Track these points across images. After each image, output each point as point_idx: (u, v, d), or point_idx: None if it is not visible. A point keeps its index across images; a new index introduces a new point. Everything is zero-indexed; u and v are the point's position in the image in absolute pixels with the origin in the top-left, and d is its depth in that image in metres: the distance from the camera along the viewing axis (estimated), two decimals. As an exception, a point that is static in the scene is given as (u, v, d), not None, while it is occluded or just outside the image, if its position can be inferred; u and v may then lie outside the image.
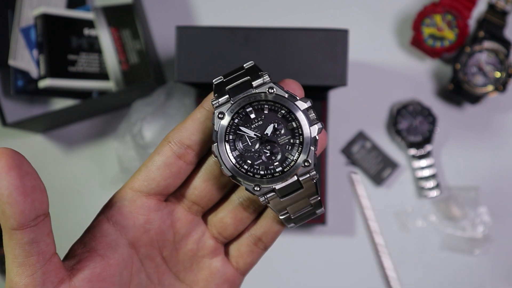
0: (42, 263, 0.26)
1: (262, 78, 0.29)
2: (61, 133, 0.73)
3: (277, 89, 0.29)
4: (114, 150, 0.70)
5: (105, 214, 0.30)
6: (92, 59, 0.69)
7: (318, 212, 0.31)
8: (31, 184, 0.24)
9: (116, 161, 0.70)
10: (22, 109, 0.71)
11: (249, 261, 0.33)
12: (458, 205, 0.69)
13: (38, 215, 0.25)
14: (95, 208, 0.32)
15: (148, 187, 0.30)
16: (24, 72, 0.69)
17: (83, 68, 0.69)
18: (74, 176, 0.73)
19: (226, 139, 0.29)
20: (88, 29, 0.70)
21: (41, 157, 0.73)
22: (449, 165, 0.72)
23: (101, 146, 0.73)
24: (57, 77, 0.66)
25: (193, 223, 0.32)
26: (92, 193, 0.72)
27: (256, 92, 0.29)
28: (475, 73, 0.68)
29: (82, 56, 0.69)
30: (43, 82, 0.66)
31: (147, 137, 0.69)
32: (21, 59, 0.68)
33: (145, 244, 0.31)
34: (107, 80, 0.70)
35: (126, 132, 0.68)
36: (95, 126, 0.73)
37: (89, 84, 0.69)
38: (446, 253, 0.70)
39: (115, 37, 0.70)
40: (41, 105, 0.72)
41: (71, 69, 0.68)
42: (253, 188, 0.29)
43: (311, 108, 0.29)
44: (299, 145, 0.29)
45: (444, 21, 0.69)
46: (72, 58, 0.68)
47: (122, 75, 0.70)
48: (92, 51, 0.70)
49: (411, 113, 0.70)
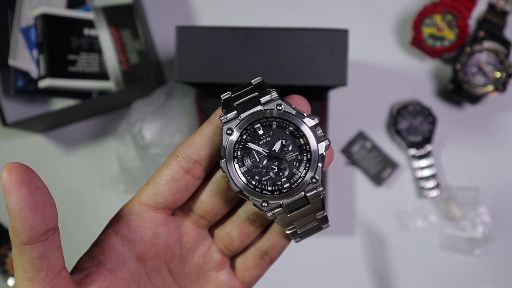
0: (52, 278, 0.26)
1: (270, 95, 0.29)
2: (61, 133, 0.73)
3: (285, 106, 0.29)
4: (114, 150, 0.71)
5: (112, 228, 0.30)
6: (92, 59, 0.70)
7: (324, 227, 0.32)
8: (41, 199, 0.24)
9: (116, 161, 0.70)
10: (22, 109, 0.71)
11: (255, 275, 0.33)
12: (458, 205, 0.70)
13: (48, 229, 0.25)
14: (95, 208, 0.32)
15: (156, 201, 0.30)
16: (24, 72, 0.69)
17: (83, 68, 0.69)
18: (74, 176, 0.73)
19: (235, 155, 0.29)
20: (88, 29, 0.70)
21: (41, 157, 0.73)
22: (449, 165, 0.72)
23: (101, 146, 0.73)
24: (57, 77, 0.67)
25: (200, 236, 0.32)
26: (92, 193, 0.72)
27: (264, 109, 0.29)
28: (475, 73, 0.68)
29: (82, 56, 0.69)
30: (43, 82, 0.66)
31: (147, 137, 0.69)
32: (21, 59, 0.68)
33: (152, 258, 0.31)
34: (107, 80, 0.70)
35: (126, 132, 0.68)
36: (95, 126, 0.73)
37: (89, 84, 0.69)
38: (446, 253, 0.70)
39: (115, 37, 0.70)
40: (41, 105, 0.73)
41: (71, 69, 0.68)
42: (261, 204, 0.29)
43: (319, 125, 0.29)
44: (307, 162, 0.29)
45: (444, 21, 0.69)
46: (72, 58, 0.68)
47: (122, 75, 0.70)
48: (92, 51, 0.70)
49: (411, 113, 0.70)
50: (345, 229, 0.71)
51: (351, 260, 0.71)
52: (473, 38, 0.69)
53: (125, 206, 0.31)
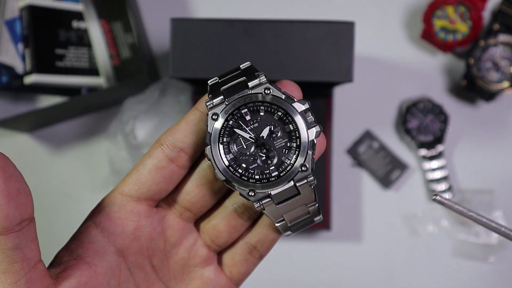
0: (26, 270, 0.26)
1: (259, 79, 0.29)
2: (48, 133, 0.73)
3: (273, 90, 0.29)
4: (105, 151, 0.70)
5: (93, 220, 0.30)
6: (81, 54, 0.70)
7: (316, 220, 0.32)
8: (16, 187, 0.24)
9: (107, 163, 0.70)
10: (7, 106, 0.71)
11: (244, 271, 0.33)
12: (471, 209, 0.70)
13: (23, 219, 0.25)
14: (84, 212, 0.32)
15: (138, 191, 0.30)
16: (8, 67, 0.69)
17: (71, 63, 0.69)
18: (62, 179, 0.73)
19: (220, 142, 0.29)
20: (77, 21, 0.70)
21: (27, 158, 0.73)
22: (462, 167, 0.72)
23: (90, 146, 0.73)
24: (44, 72, 0.67)
25: (185, 230, 0.32)
26: (81, 196, 0.72)
27: (252, 93, 0.29)
28: (490, 69, 0.68)
29: (71, 50, 0.69)
30: (29, 78, 0.66)
31: (140, 137, 0.69)
32: (6, 54, 0.68)
33: (134, 252, 0.31)
34: (97, 76, 0.70)
35: (117, 132, 0.68)
36: (85, 125, 0.73)
37: (78, 80, 0.69)
38: (459, 260, 0.70)
39: (106, 30, 0.70)
40: (27, 102, 0.72)
41: (58, 64, 0.68)
42: (248, 193, 0.29)
43: (309, 110, 0.29)
44: (296, 149, 0.29)
45: (456, 13, 0.69)
46: (60, 53, 0.68)
47: (113, 70, 0.70)
48: (81, 45, 0.70)
49: (422, 111, 0.70)
50: (351, 234, 0.71)
51: (357, 268, 0.71)
52: (487, 31, 0.69)
53: (106, 197, 0.31)
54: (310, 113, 0.29)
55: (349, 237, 0.71)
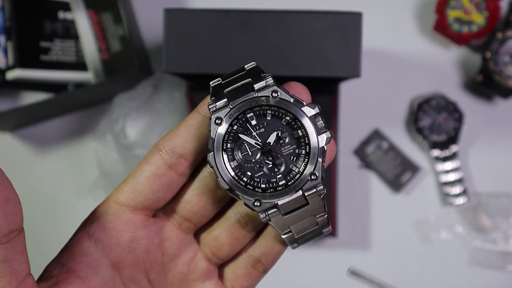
0: (15, 285, 0.26)
1: (265, 81, 0.29)
2: (32, 132, 0.73)
3: (281, 92, 0.29)
4: (93, 151, 0.70)
5: (85, 230, 0.30)
6: (67, 47, 0.69)
7: (325, 231, 0.32)
8: (4, 195, 0.24)
9: (95, 164, 0.70)
10: (-13, 104, 0.71)
11: (246, 285, 0.33)
12: (488, 215, 0.69)
13: (11, 230, 0.25)
14: (70, 218, 0.32)
15: (135, 200, 0.30)
16: (-11, 61, 0.68)
17: (57, 57, 0.69)
18: (47, 181, 0.72)
19: (224, 148, 0.29)
20: (63, 12, 0.70)
21: (9, 159, 0.73)
22: (478, 168, 0.71)
23: (78, 147, 0.72)
24: (28, 67, 0.66)
25: (184, 242, 0.32)
26: (67, 201, 0.72)
27: (258, 96, 0.29)
28: (508, 63, 0.68)
29: (57, 43, 0.69)
30: (11, 73, 0.66)
31: (131, 137, 0.69)
32: (-14, 47, 0.68)
33: (129, 265, 0.31)
34: (85, 71, 0.70)
35: (106, 131, 0.67)
36: (71, 123, 0.73)
37: (64, 75, 0.69)
38: (475, 269, 0.70)
39: (94, 21, 0.70)
40: (9, 99, 0.72)
41: (43, 58, 0.68)
42: (253, 204, 0.29)
43: (319, 115, 0.29)
44: (305, 156, 0.29)
45: (472, 2, 0.68)
46: (45, 46, 0.68)
47: (102, 64, 0.70)
48: (68, 38, 0.69)
49: (434, 108, 0.70)
50: (358, 242, 0.71)
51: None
52: (505, 22, 0.69)
53: (100, 205, 0.31)
54: (320, 117, 0.29)
55: (357, 245, 0.71)
